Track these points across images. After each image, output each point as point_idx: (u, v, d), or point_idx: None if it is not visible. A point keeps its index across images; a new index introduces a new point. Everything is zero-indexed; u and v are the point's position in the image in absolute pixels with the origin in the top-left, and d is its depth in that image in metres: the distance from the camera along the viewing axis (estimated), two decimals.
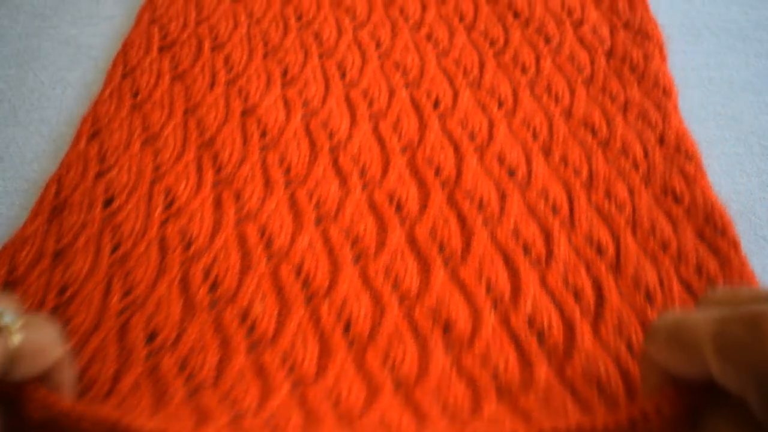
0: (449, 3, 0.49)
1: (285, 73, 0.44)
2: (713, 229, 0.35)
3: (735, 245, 0.35)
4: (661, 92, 0.43)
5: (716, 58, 0.48)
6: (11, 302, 0.26)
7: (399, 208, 0.36)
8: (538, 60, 0.45)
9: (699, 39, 0.49)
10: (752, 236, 0.38)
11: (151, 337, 0.31)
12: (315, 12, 0.48)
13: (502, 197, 0.37)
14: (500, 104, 0.42)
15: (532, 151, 0.39)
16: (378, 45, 0.46)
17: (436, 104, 0.42)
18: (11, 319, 0.25)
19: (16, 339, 0.24)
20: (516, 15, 0.48)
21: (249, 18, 0.48)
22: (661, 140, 0.40)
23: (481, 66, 0.45)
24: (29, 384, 0.25)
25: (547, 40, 0.46)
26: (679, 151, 0.39)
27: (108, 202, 0.37)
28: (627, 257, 0.34)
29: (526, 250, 0.34)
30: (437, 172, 0.38)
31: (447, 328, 0.31)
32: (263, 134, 0.40)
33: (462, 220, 0.36)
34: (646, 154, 0.39)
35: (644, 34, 0.46)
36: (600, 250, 0.35)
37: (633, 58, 0.45)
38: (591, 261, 0.34)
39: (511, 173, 0.38)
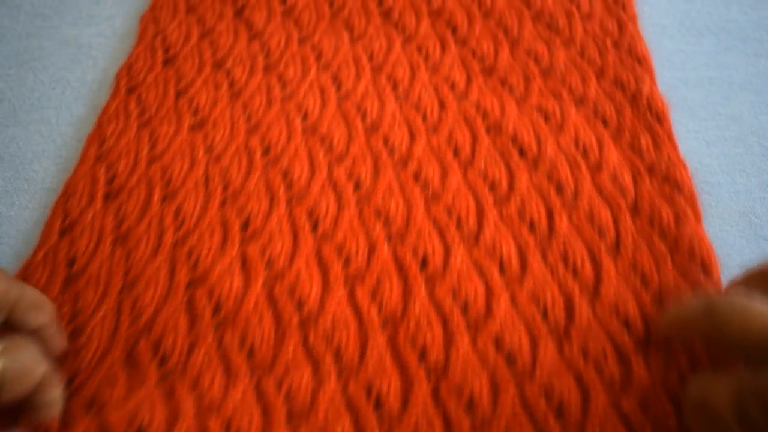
0: (441, 133, 0.41)
1: (245, 225, 0.37)
2: None
3: None
4: (699, 268, 0.35)
5: (716, 58, 0.48)
6: None
7: (378, 405, 0.31)
8: (550, 215, 0.37)
9: (699, 39, 0.49)
10: (752, 236, 0.38)
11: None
12: (285, 143, 0.41)
13: (495, 394, 0.31)
14: (502, 269, 0.35)
15: (540, 337, 0.32)
16: (357, 186, 0.39)
17: (423, 264, 0.35)
18: None
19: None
20: (522, 153, 0.40)
21: (208, 153, 0.40)
22: None
23: (480, 216, 0.37)
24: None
25: (560, 189, 0.38)
26: None
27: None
28: None
29: None
30: (422, 356, 0.32)
31: None
32: (216, 310, 0.34)
33: (447, 424, 0.30)
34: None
35: (673, 183, 0.39)
36: None
37: (663, 220, 0.37)
38: None
39: (510, 361, 0.32)
